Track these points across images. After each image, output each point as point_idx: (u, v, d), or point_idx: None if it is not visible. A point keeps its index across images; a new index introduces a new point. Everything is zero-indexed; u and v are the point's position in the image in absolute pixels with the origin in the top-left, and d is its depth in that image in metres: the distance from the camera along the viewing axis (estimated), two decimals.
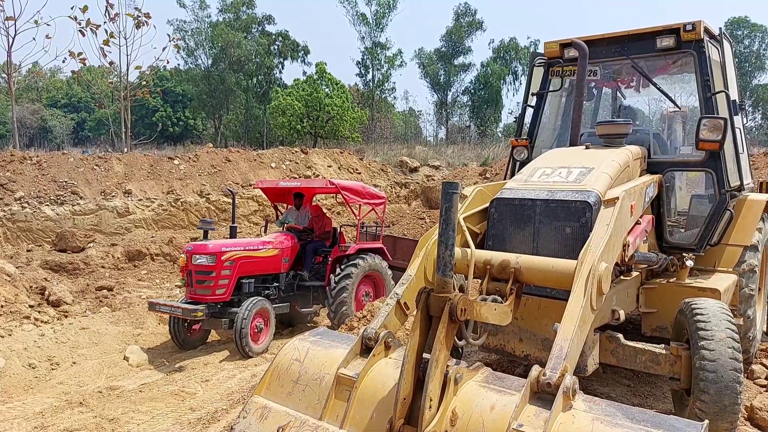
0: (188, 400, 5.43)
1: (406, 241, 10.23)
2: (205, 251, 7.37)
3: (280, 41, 43.18)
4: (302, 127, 31.47)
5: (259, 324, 7.37)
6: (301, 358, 3.31)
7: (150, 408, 5.19)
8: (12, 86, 18.21)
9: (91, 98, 42.59)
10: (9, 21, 16.50)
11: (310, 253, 8.74)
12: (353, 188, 8.88)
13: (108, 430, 4.71)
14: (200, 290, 7.32)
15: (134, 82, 19.89)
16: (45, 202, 14.38)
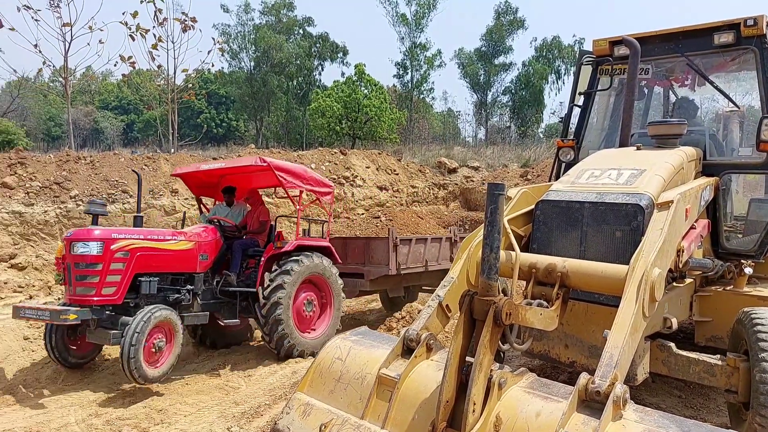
0: (232, 394, 5.55)
1: (359, 241, 8.92)
2: (89, 237, 5.68)
3: (320, 43, 43.63)
4: (341, 128, 31.71)
5: (159, 341, 5.60)
6: (343, 356, 3.34)
7: (196, 401, 5.33)
8: (68, 89, 19.03)
9: (140, 100, 44.08)
10: (66, 27, 17.23)
11: (237, 250, 7.12)
12: (291, 170, 7.12)
13: (157, 420, 4.86)
14: (81, 289, 5.62)
15: (181, 84, 20.47)
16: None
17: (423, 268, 8.66)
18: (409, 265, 8.37)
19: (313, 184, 7.41)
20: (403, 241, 8.33)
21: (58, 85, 39.17)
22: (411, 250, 8.40)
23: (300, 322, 6.92)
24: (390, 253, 7.98)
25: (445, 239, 9.18)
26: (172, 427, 4.68)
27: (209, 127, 44.34)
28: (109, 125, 47.85)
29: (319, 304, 7.33)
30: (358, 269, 8.28)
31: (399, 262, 8.11)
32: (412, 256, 8.41)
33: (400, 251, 8.15)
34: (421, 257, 8.64)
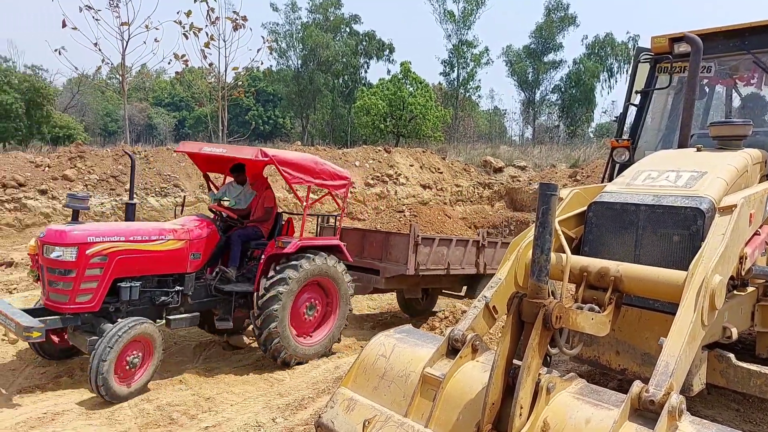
0: (276, 385, 5.66)
1: (378, 235, 8.24)
2: (62, 241, 5.12)
3: (367, 41, 43.84)
4: (385, 126, 31.79)
5: (134, 357, 5.12)
6: (387, 354, 3.34)
7: (242, 390, 5.46)
8: (124, 86, 19.83)
9: (192, 98, 45.46)
10: (124, 26, 17.94)
11: (237, 242, 6.38)
12: (299, 163, 6.28)
13: (205, 407, 5.01)
14: (54, 295, 5.19)
15: (231, 82, 20.99)
16: (151, 194, 15.55)
17: (444, 271, 8.10)
18: (429, 266, 7.81)
19: (325, 178, 6.60)
20: (425, 240, 7.75)
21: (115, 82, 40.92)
22: (433, 251, 7.83)
23: (298, 327, 6.35)
24: (409, 251, 7.44)
25: (472, 243, 8.55)
26: (219, 415, 4.82)
27: (257, 124, 45.29)
28: (161, 121, 49.59)
29: (323, 307, 6.69)
30: (374, 265, 7.74)
31: (418, 261, 7.58)
32: (433, 257, 7.85)
33: (420, 250, 7.60)
34: (443, 259, 8.05)
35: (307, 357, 6.36)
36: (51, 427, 4.45)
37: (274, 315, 5.91)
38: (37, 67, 36.55)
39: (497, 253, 8.79)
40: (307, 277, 6.23)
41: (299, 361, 6.29)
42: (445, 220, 12.81)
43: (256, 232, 6.66)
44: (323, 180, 6.56)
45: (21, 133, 28.26)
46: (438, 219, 12.92)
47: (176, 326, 5.88)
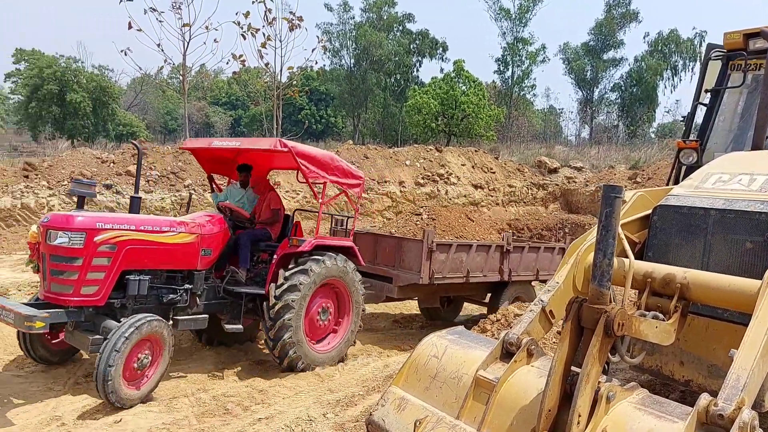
0: (327, 381, 5.74)
1: (390, 240, 7.75)
2: (69, 226, 4.77)
3: (420, 40, 43.73)
4: (437, 125, 31.63)
5: (143, 357, 4.79)
6: (439, 355, 3.33)
7: (293, 384, 5.57)
8: (185, 86, 20.60)
9: (247, 97, 46.70)
10: (185, 27, 18.62)
11: (245, 242, 6.16)
12: (316, 157, 6.05)
13: (258, 399, 5.15)
14: (57, 285, 4.80)
15: (285, 82, 21.43)
16: (208, 189, 16.08)
17: (463, 278, 7.52)
18: (446, 274, 7.26)
19: (339, 175, 6.33)
20: (441, 247, 7.20)
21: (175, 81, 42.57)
22: (449, 258, 7.26)
23: (312, 332, 6.08)
24: (423, 258, 6.94)
25: (495, 248, 7.91)
26: (272, 407, 4.93)
27: (309, 123, 46.05)
28: (218, 120, 51.17)
29: (337, 312, 6.41)
30: (386, 272, 7.32)
31: (433, 269, 7.05)
32: (450, 264, 7.29)
33: (435, 258, 7.06)
34: (462, 266, 7.47)
35: (324, 364, 6.10)
36: (115, 412, 4.67)
37: (287, 324, 5.63)
38: (104, 67, 38.62)
39: (524, 258, 8.33)
40: (319, 280, 5.93)
41: (314, 367, 6.02)
42: (467, 224, 11.98)
43: (264, 234, 6.44)
44: (338, 177, 6.34)
45: (88, 130, 29.87)
46: (459, 222, 12.02)
47: (183, 327, 5.57)
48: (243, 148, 6.17)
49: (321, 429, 4.44)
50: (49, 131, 30.51)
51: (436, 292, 7.83)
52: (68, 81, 29.21)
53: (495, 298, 8.38)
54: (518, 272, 8.21)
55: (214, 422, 4.56)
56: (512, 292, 8.34)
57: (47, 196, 13.12)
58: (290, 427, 4.41)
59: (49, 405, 4.76)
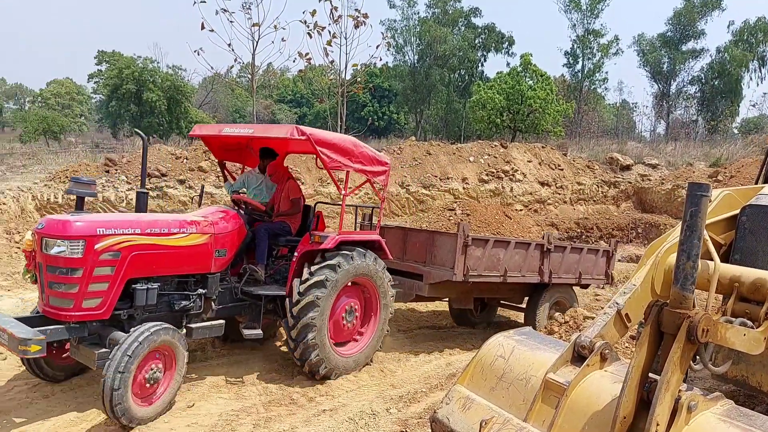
0: (389, 376, 5.78)
1: (421, 234, 7.20)
2: (66, 233, 4.21)
3: (485, 34, 43.02)
4: (501, 120, 31.02)
5: (154, 372, 4.34)
6: (506, 355, 3.28)
7: (357, 378, 5.65)
8: (254, 84, 21.24)
9: (312, 94, 47.65)
10: (254, 27, 19.18)
11: (263, 236, 5.66)
12: (337, 144, 5.52)
13: (322, 391, 5.26)
14: (55, 300, 4.30)
15: (350, 79, 21.67)
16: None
17: (500, 277, 6.94)
18: (482, 272, 6.70)
19: (364, 162, 5.83)
20: (477, 242, 6.64)
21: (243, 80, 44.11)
22: (486, 254, 6.71)
23: (336, 334, 5.64)
24: (457, 253, 6.39)
25: (535, 246, 7.33)
26: (335, 400, 5.02)
27: (372, 119, 46.37)
28: (284, 117, 52.55)
29: (363, 312, 5.96)
30: (417, 268, 6.83)
31: (468, 266, 6.49)
32: (486, 262, 6.73)
33: (470, 253, 6.51)
34: (499, 264, 6.91)
35: (349, 370, 5.66)
36: (187, 397, 4.90)
37: (311, 324, 5.16)
38: (178, 67, 40.53)
39: (565, 259, 7.71)
40: (346, 278, 5.45)
41: (340, 374, 5.57)
42: (504, 221, 11.17)
43: (283, 227, 5.93)
44: (362, 165, 5.81)
45: (162, 128, 31.43)
46: (495, 219, 11.16)
47: (198, 336, 5.07)
48: (257, 136, 5.65)
49: (384, 424, 4.48)
50: (127, 129, 32.41)
51: (470, 292, 7.30)
52: (145, 81, 30.86)
53: (533, 302, 7.72)
54: (559, 274, 7.62)
55: (280, 411, 4.70)
56: (552, 296, 7.73)
57: (126, 190, 13.92)
58: (354, 420, 4.47)
59: None
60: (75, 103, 51.50)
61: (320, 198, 15.26)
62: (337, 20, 19.56)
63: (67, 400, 4.69)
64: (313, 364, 5.31)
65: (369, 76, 41.77)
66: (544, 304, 7.60)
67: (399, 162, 17.65)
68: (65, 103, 49.84)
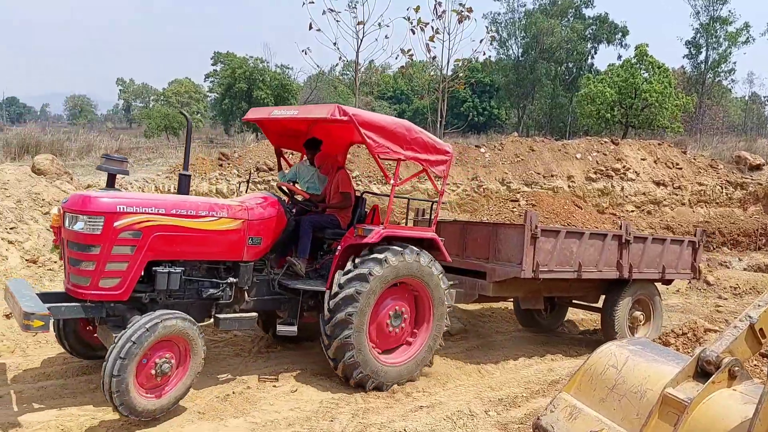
0: (487, 378, 5.66)
1: (483, 228, 6.51)
2: (86, 208, 4.10)
3: (597, 25, 40.78)
4: (612, 115, 29.23)
5: (164, 362, 4.08)
6: (619, 365, 3.14)
7: (453, 377, 5.58)
8: (357, 82, 21.75)
9: (412, 91, 47.85)
10: (359, 25, 19.58)
11: (307, 229, 5.34)
12: (386, 127, 5.02)
13: (419, 387, 5.26)
14: (75, 277, 4.22)
15: (451, 74, 21.48)
16: (374, 181, 16.83)
17: (574, 273, 6.23)
18: (553, 267, 6.03)
19: (419, 150, 5.25)
20: (547, 233, 5.98)
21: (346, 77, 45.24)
22: (557, 247, 6.03)
23: (380, 338, 5.13)
24: (525, 246, 5.74)
25: (612, 237, 6.55)
26: (432, 397, 5.01)
27: (472, 115, 45.76)
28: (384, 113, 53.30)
29: (412, 316, 5.37)
30: (479, 266, 6.18)
31: (537, 261, 5.83)
32: (558, 256, 6.05)
33: (540, 246, 5.85)
34: (572, 258, 6.19)
35: (389, 380, 5.07)
36: (291, 382, 5.12)
37: (348, 320, 4.73)
38: (285, 66, 42.29)
39: (647, 251, 6.87)
40: (394, 276, 4.95)
41: (378, 385, 5.00)
42: (574, 211, 9.91)
43: (331, 221, 5.62)
44: (416, 152, 5.24)
45: None
46: (564, 209, 9.95)
47: (227, 327, 4.81)
48: (301, 117, 5.29)
49: (483, 426, 4.39)
50: (238, 125, 34.52)
51: (540, 291, 6.59)
52: (255, 79, 32.70)
53: (611, 301, 6.92)
54: (640, 268, 6.81)
55: (378, 403, 4.76)
56: (633, 293, 6.92)
57: (236, 182, 14.82)
58: (452, 419, 4.42)
59: (236, 369, 5.37)
60: (193, 101, 55.65)
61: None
62: (441, 15, 19.48)
63: None
64: (347, 367, 4.81)
65: (470, 71, 41.27)
66: (624, 303, 6.83)
67: (500, 158, 17.22)
68: (184, 101, 54.03)
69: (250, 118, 5.75)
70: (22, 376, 4.82)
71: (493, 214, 8.33)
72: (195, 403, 4.46)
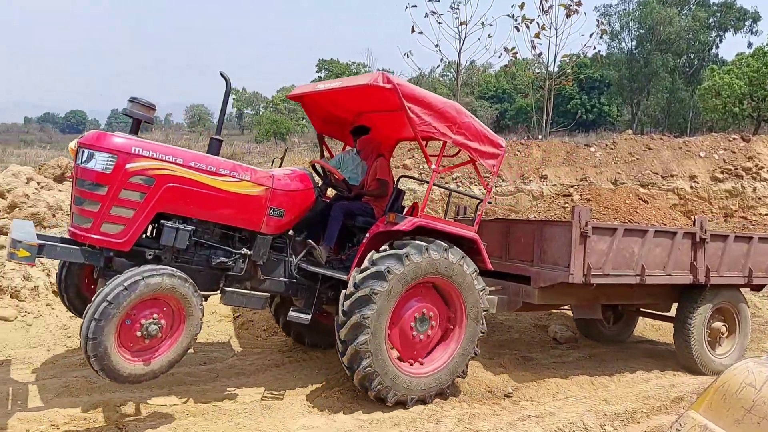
0: (601, 391, 5.34)
1: (528, 226, 5.84)
2: (98, 145, 3.85)
3: (722, 12, 37.23)
4: (741, 110, 26.49)
5: (150, 323, 3.74)
6: (758, 384, 2.87)
7: (563, 387, 5.32)
8: (458, 83, 21.55)
9: (514, 89, 46.62)
10: (461, 25, 19.39)
11: (337, 215, 4.93)
12: (434, 104, 4.50)
13: (527, 395, 5.09)
14: (78, 218, 3.93)
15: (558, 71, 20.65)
16: (474, 183, 16.60)
17: (636, 278, 5.44)
18: (609, 270, 5.27)
19: (469, 137, 4.69)
20: (600, 231, 5.23)
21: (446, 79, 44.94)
22: (614, 247, 5.26)
23: (403, 345, 4.60)
24: (573, 247, 5.01)
25: (683, 235, 5.69)
26: (541, 407, 4.80)
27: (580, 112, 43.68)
28: (484, 114, 52.34)
29: (442, 322, 4.76)
30: (523, 269, 5.53)
31: (589, 263, 5.08)
32: (615, 257, 5.29)
33: (591, 246, 5.10)
34: (633, 260, 5.41)
35: (415, 393, 4.52)
36: None
37: (363, 324, 4.23)
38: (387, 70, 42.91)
39: (728, 251, 5.94)
40: (417, 274, 4.39)
41: (402, 398, 4.46)
42: (638, 206, 8.40)
43: (365, 209, 5.14)
44: (465, 138, 4.67)
45: None
46: (626, 205, 8.47)
47: (231, 302, 4.39)
48: (343, 87, 4.77)
49: None
50: None
51: (596, 298, 5.77)
52: None
53: (685, 310, 6.07)
54: (720, 272, 5.91)
55: (484, 410, 4.65)
56: (711, 300, 6.04)
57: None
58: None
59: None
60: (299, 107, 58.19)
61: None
62: (548, 11, 18.80)
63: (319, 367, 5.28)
64: (363, 377, 4.32)
65: (578, 67, 39.43)
66: (701, 313, 5.98)
67: (612, 158, 16.25)
68: (291, 107, 56.71)
69: (295, 94, 5.39)
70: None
71: (542, 210, 7.28)
72: (305, 397, 4.61)
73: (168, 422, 3.98)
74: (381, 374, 4.31)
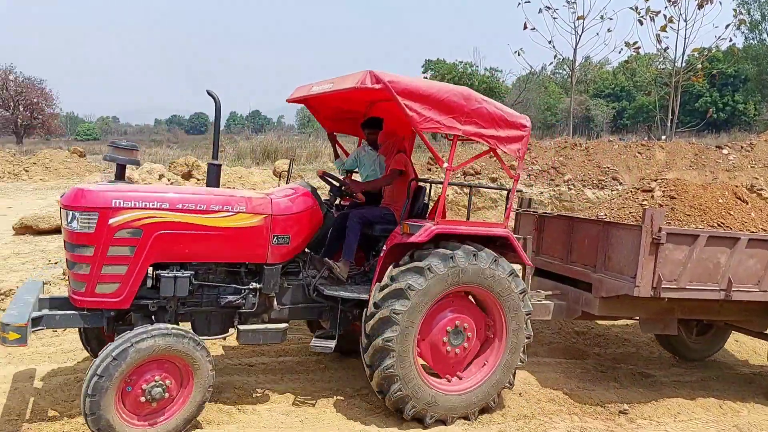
0: (731, 416, 4.82)
1: (592, 227, 5.05)
2: (78, 203, 3.60)
3: None
4: None
5: (154, 386, 3.53)
6: None
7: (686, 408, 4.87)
8: (573, 80, 20.63)
9: (634, 86, 43.62)
10: (579, 20, 18.52)
11: (353, 227, 4.49)
12: (434, 95, 3.97)
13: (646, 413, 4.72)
14: (73, 282, 3.75)
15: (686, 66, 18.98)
16: (588, 185, 15.74)
17: (720, 293, 4.64)
18: (685, 284, 4.53)
19: (482, 124, 4.17)
20: (676, 238, 4.47)
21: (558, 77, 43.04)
22: (694, 257, 4.53)
23: (436, 362, 4.24)
24: (642, 255, 4.36)
25: None
26: (661, 427, 4.41)
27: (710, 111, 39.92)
28: (599, 113, 49.45)
29: (480, 332, 4.32)
30: (584, 275, 4.95)
31: (660, 275, 4.40)
32: (694, 268, 4.54)
33: (665, 255, 4.42)
34: (718, 272, 4.62)
35: (456, 412, 4.16)
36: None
37: (387, 348, 3.90)
38: (494, 69, 41.89)
39: None
40: (444, 286, 4.00)
41: (441, 418, 4.12)
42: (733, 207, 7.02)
43: (384, 215, 4.67)
44: (478, 127, 4.14)
45: None
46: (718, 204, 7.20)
47: (248, 341, 4.09)
48: (335, 90, 4.28)
49: None
50: None
51: (672, 312, 5.00)
52: (464, 84, 33.12)
53: None
54: None
55: (597, 425, 4.36)
56: None
57: None
58: None
59: None
60: None
61: None
62: (676, 2, 17.37)
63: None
64: (394, 401, 4.01)
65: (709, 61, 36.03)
66: None
67: (748, 161, 14.71)
68: None
69: (293, 98, 5.04)
70: None
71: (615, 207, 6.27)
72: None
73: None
74: (413, 398, 4.00)
